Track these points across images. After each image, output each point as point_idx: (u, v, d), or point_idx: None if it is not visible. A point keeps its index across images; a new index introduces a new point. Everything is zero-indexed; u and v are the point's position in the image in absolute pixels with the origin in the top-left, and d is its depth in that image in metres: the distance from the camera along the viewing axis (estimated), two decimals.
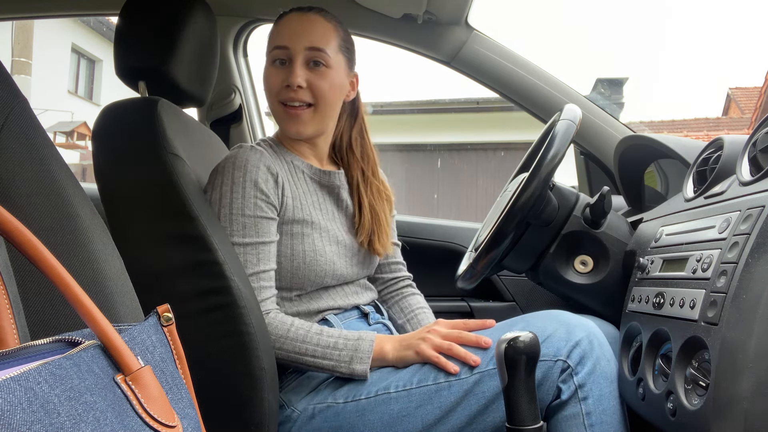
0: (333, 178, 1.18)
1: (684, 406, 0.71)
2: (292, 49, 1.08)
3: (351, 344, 1.00)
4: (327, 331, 1.02)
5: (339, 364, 0.99)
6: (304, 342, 1.00)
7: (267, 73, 1.11)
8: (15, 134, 0.59)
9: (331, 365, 0.99)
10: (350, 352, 0.99)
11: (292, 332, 1.01)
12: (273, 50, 1.10)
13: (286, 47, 1.09)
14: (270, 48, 1.11)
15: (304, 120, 1.09)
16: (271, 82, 1.10)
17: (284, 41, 1.09)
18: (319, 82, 1.08)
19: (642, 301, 0.91)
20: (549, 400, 0.90)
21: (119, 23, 1.09)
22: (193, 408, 0.49)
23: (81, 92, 12.12)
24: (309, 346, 1.00)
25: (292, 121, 1.10)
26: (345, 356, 0.99)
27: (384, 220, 1.21)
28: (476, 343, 0.95)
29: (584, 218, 1.10)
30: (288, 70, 1.08)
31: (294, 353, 1.00)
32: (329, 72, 1.10)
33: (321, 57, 1.08)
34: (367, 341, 1.00)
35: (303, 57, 1.08)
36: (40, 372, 0.35)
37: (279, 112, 1.11)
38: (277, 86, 1.09)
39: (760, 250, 0.67)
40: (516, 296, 1.59)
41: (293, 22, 1.10)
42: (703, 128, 10.33)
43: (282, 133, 1.16)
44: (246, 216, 1.03)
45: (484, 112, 8.62)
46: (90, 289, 0.59)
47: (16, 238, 0.42)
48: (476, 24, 1.51)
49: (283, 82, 1.08)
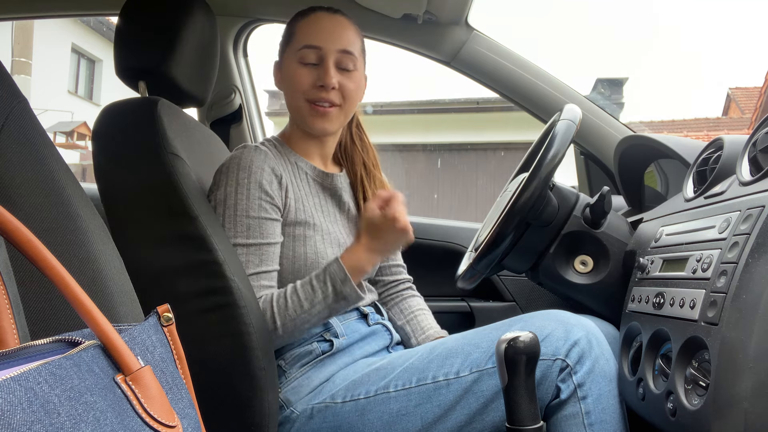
0: (335, 180, 1.18)
1: (684, 406, 0.71)
2: (325, 49, 1.09)
3: (322, 275, 1.01)
4: (299, 282, 1.03)
5: (327, 298, 1.00)
6: (287, 307, 1.00)
7: (295, 71, 1.10)
8: (15, 134, 0.59)
9: (323, 306, 1.00)
10: (327, 281, 1.00)
11: (276, 307, 1.01)
12: (303, 49, 1.10)
13: (319, 48, 1.09)
14: (298, 46, 1.10)
15: (331, 118, 1.11)
16: (301, 82, 1.10)
17: (317, 42, 1.09)
18: (348, 84, 1.10)
19: (642, 301, 0.91)
20: (548, 399, 0.90)
21: (119, 23, 1.09)
22: (193, 408, 0.49)
23: (81, 92, 12.13)
24: (295, 306, 1.00)
25: (320, 118, 1.10)
26: (327, 288, 1.00)
27: None
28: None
29: (584, 218, 1.10)
30: (320, 70, 1.09)
31: (290, 321, 1.00)
32: (355, 74, 1.12)
33: (351, 60, 1.11)
34: (333, 264, 1.01)
35: (334, 59, 1.09)
36: (40, 372, 0.35)
37: (305, 109, 1.11)
38: (307, 86, 1.09)
39: (760, 250, 0.67)
40: (516, 296, 1.59)
41: (324, 23, 1.11)
42: (703, 128, 10.32)
43: (304, 128, 1.15)
44: (250, 217, 1.03)
45: (484, 112, 8.61)
46: (90, 289, 0.59)
47: (16, 238, 0.42)
48: (476, 24, 1.51)
49: (316, 82, 1.09)
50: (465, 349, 0.96)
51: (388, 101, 9.00)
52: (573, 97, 1.49)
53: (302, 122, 1.13)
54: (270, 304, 1.01)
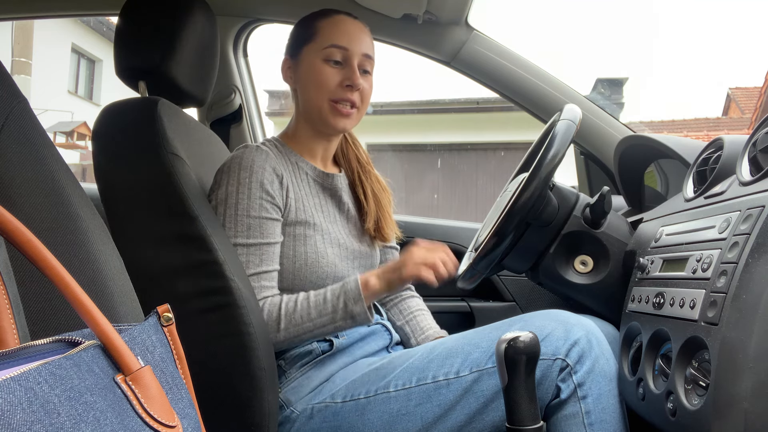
0: (335, 180, 1.18)
1: (684, 406, 0.71)
2: (351, 51, 1.11)
3: (338, 290, 1.02)
4: (313, 292, 1.04)
5: (336, 313, 1.01)
6: (295, 312, 1.01)
7: (321, 69, 1.11)
8: (15, 134, 0.59)
9: (329, 319, 1.01)
10: (341, 296, 1.01)
11: (284, 309, 1.01)
12: (330, 48, 1.11)
13: (347, 48, 1.11)
14: (324, 44, 1.11)
15: (352, 119, 1.14)
16: (327, 80, 1.11)
17: (345, 42, 1.11)
18: (367, 88, 1.14)
19: (642, 301, 0.91)
20: (548, 399, 0.90)
21: (119, 23, 1.09)
22: (193, 408, 0.49)
23: (81, 92, 12.12)
24: (303, 312, 1.01)
25: (342, 118, 1.13)
26: (339, 303, 1.01)
27: (386, 206, 1.26)
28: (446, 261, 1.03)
29: (584, 218, 1.10)
30: (346, 70, 1.11)
31: (294, 327, 1.01)
32: (371, 78, 1.16)
33: (371, 64, 1.16)
34: (351, 281, 1.03)
35: (358, 61, 1.12)
36: (40, 372, 0.35)
37: (326, 109, 1.12)
38: (334, 84, 1.11)
39: (760, 250, 0.67)
40: (516, 296, 1.59)
41: (350, 27, 1.14)
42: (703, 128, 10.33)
43: (320, 127, 1.16)
44: (251, 217, 1.03)
45: (484, 112, 8.62)
46: (90, 289, 0.59)
47: (16, 238, 0.42)
48: (476, 24, 1.51)
49: (343, 81, 1.10)
50: (465, 349, 0.96)
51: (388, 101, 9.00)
52: (573, 97, 1.49)
53: (321, 121, 1.14)
54: (278, 306, 1.02)
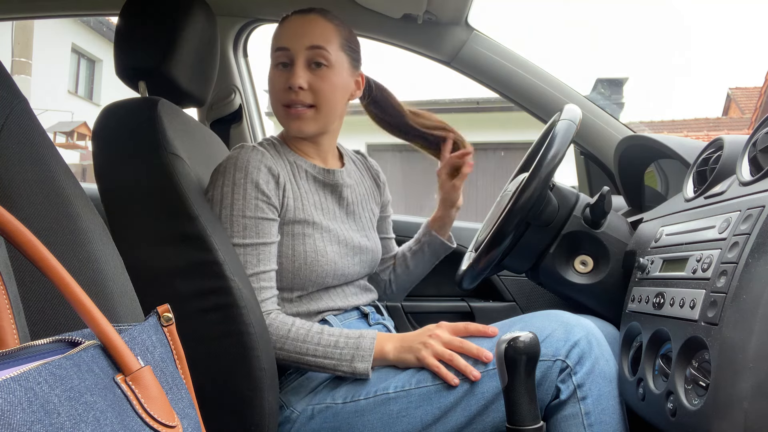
0: (336, 176, 1.18)
1: (684, 406, 0.71)
2: (292, 49, 1.09)
3: (352, 342, 1.00)
4: (328, 330, 1.02)
5: (340, 362, 0.99)
6: (305, 342, 1.00)
7: (270, 75, 1.13)
8: (15, 134, 0.59)
9: (332, 364, 0.99)
10: (351, 350, 0.99)
11: (293, 332, 1.01)
12: (275, 52, 1.11)
13: (287, 48, 1.09)
14: (273, 49, 1.12)
15: (305, 119, 1.10)
16: (274, 85, 1.11)
17: (285, 42, 1.10)
18: (319, 84, 1.09)
19: (642, 301, 0.91)
20: (548, 399, 0.90)
21: (119, 23, 1.09)
22: (193, 408, 0.49)
23: (81, 92, 12.12)
24: (310, 345, 1.00)
25: (294, 120, 1.10)
26: (346, 354, 0.99)
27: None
28: (477, 355, 0.93)
29: (584, 218, 1.10)
30: (290, 72, 1.09)
31: (295, 353, 1.00)
32: (330, 72, 1.10)
33: (322, 56, 1.08)
34: (368, 339, 1.00)
35: (304, 57, 1.08)
36: (40, 372, 0.35)
37: (281, 113, 1.12)
38: (279, 88, 1.10)
39: (760, 250, 0.67)
40: (516, 296, 1.59)
41: (294, 24, 1.11)
42: (703, 128, 10.33)
43: (285, 132, 1.17)
44: (247, 217, 1.03)
45: (484, 112, 8.61)
46: (90, 289, 0.59)
47: (16, 238, 0.42)
48: (476, 24, 1.51)
49: (285, 84, 1.09)
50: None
51: None
52: (573, 97, 1.49)
53: (282, 125, 1.15)
54: (288, 327, 1.01)
